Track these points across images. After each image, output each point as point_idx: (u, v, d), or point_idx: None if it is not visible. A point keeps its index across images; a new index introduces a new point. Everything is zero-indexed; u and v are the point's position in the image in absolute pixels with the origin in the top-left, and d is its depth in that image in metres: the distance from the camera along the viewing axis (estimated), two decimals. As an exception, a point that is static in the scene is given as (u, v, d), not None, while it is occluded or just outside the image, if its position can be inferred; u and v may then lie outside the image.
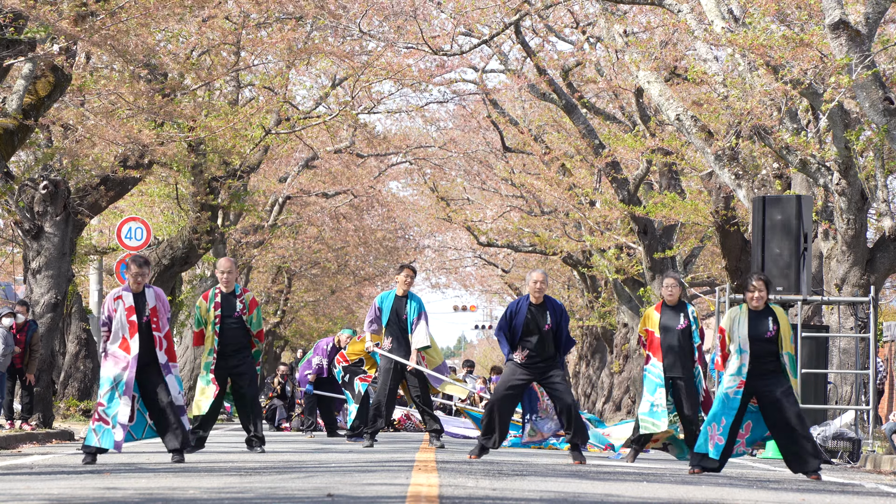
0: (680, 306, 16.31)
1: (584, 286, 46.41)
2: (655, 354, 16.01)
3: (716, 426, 13.44)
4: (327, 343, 24.47)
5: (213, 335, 16.09)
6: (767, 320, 13.44)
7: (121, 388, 13.51)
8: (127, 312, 13.64)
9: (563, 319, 15.00)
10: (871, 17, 18.10)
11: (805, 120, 22.81)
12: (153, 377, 13.78)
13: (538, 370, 14.93)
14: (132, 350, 13.58)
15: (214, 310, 16.11)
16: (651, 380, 16.01)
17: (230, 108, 27.97)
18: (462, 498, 8.89)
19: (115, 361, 13.61)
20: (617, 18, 25.41)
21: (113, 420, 13.46)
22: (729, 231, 27.81)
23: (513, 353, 14.95)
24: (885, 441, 18.77)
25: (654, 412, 15.89)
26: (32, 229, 23.58)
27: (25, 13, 16.87)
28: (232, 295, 16.19)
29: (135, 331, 13.62)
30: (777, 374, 13.41)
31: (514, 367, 14.99)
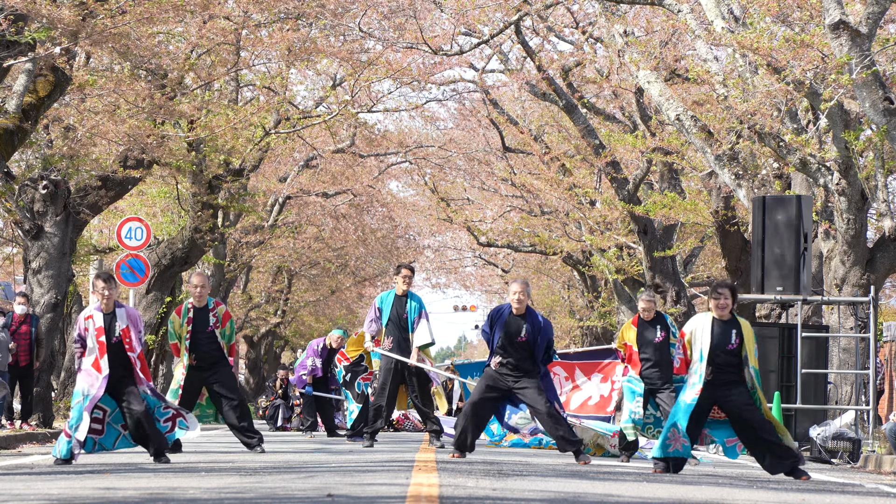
0: (657, 319, 16.41)
1: (584, 286, 46.40)
2: (634, 367, 16.29)
3: (675, 431, 13.38)
4: (318, 344, 24.44)
5: (183, 350, 16.07)
6: (731, 331, 13.35)
7: (85, 402, 13.54)
8: (97, 333, 13.59)
9: (542, 334, 14.82)
10: (871, 17, 18.11)
11: (805, 120, 22.81)
12: (127, 389, 13.77)
13: (511, 378, 14.90)
14: (103, 370, 13.56)
15: (187, 325, 16.04)
16: (630, 388, 16.24)
17: (230, 108, 27.98)
18: (462, 498, 8.89)
19: (87, 377, 13.63)
20: (617, 18, 25.41)
21: (73, 432, 13.51)
22: (729, 231, 27.82)
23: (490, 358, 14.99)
24: (885, 441, 18.77)
25: (636, 419, 16.14)
26: (32, 229, 23.59)
27: (26, 12, 16.87)
28: (205, 309, 16.10)
29: (104, 351, 13.58)
30: (737, 385, 13.33)
31: (489, 373, 15.03)
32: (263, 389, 41.61)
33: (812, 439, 19.20)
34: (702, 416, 13.42)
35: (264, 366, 54.70)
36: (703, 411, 13.39)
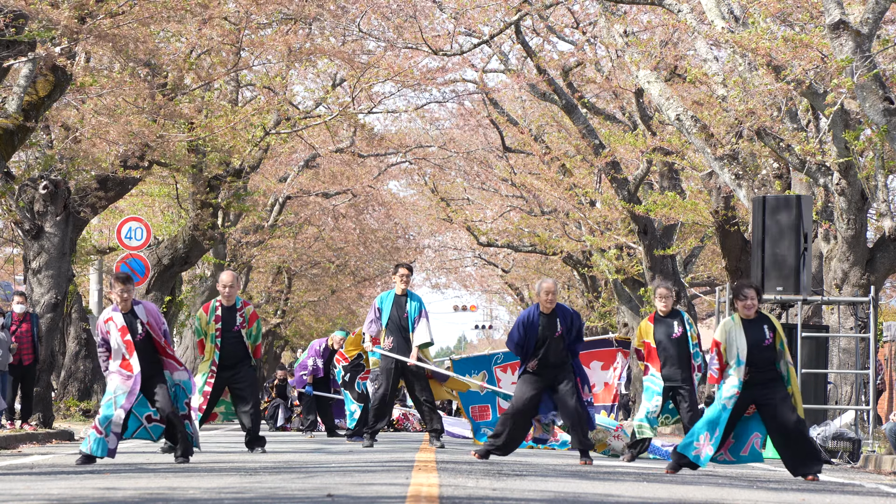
0: (674, 314, 16.27)
1: (584, 286, 46.40)
2: (654, 365, 16.00)
3: (708, 435, 13.31)
4: (320, 344, 24.44)
5: (213, 348, 16.11)
6: (763, 328, 13.30)
7: (119, 401, 13.54)
8: (120, 333, 13.61)
9: (575, 324, 14.97)
10: (871, 17, 18.10)
11: (805, 120, 22.81)
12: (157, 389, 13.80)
13: (550, 376, 14.88)
14: (134, 369, 13.59)
15: (215, 323, 16.12)
16: (651, 388, 15.99)
17: (230, 108, 27.97)
18: (462, 498, 8.89)
19: (119, 377, 13.65)
20: (617, 18, 25.41)
21: (106, 430, 13.49)
22: (729, 231, 27.81)
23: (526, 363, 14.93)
24: (885, 441, 18.77)
25: (651, 419, 15.95)
26: (32, 229, 23.59)
27: (26, 12, 16.87)
28: (233, 308, 16.21)
29: (132, 349, 13.60)
30: (776, 382, 13.30)
31: (528, 377, 14.94)
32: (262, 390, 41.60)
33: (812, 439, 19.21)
34: (735, 420, 13.39)
35: (264, 366, 54.69)
36: (738, 414, 13.36)
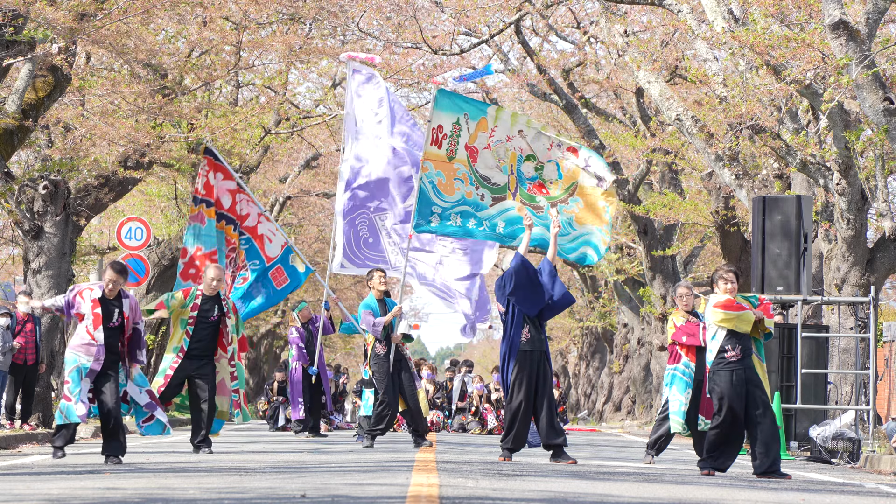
0: (693, 315, 16.04)
1: (584, 286, 46.40)
2: (688, 354, 15.70)
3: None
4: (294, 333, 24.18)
5: (182, 335, 15.96)
6: None
7: (85, 369, 13.73)
8: (92, 304, 13.74)
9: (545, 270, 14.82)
10: (871, 17, 18.11)
11: (805, 120, 22.82)
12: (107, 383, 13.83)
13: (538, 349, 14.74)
14: (98, 340, 13.73)
15: (191, 311, 15.97)
16: (682, 380, 15.58)
17: (230, 109, 27.97)
18: (462, 498, 8.89)
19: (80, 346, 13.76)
20: (617, 18, 25.42)
21: (76, 396, 13.69)
22: (729, 231, 27.83)
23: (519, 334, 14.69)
24: (885, 441, 18.77)
25: (684, 412, 15.56)
26: (32, 229, 23.58)
27: (24, 12, 16.87)
28: (214, 299, 16.03)
29: (98, 324, 13.72)
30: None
31: (523, 357, 14.77)
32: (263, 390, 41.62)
33: (812, 439, 19.20)
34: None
35: (264, 366, 54.68)
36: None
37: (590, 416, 47.79)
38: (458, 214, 16.22)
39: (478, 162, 16.00)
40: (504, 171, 15.95)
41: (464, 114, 16.14)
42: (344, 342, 62.09)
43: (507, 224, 16.19)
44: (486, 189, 16.08)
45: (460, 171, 16.10)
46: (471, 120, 16.07)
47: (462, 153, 16.04)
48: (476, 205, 16.12)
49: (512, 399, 14.71)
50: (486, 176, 16.01)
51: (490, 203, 16.11)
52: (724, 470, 13.56)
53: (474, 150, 15.99)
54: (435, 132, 16.11)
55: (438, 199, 16.20)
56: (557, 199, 15.95)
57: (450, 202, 16.15)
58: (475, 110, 16.27)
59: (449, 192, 16.13)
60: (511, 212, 16.10)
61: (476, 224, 16.23)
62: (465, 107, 16.30)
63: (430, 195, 16.21)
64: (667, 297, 31.52)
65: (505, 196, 16.03)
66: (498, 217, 16.19)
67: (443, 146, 16.05)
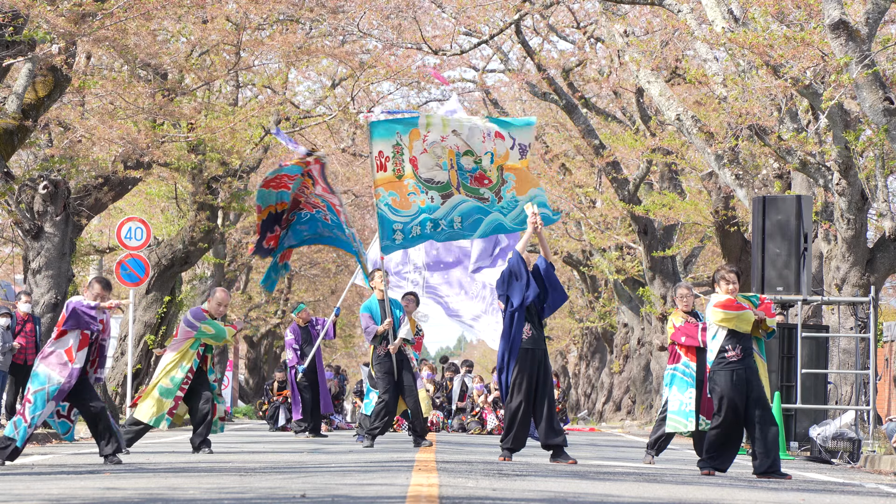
0: (694, 315, 16.02)
1: (584, 286, 46.40)
2: (688, 354, 15.70)
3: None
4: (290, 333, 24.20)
5: (193, 355, 16.01)
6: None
7: (52, 392, 13.55)
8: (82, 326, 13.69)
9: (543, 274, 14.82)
10: (871, 17, 18.10)
11: (805, 120, 22.82)
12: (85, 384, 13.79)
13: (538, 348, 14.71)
14: (76, 361, 13.61)
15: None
16: (683, 379, 15.58)
17: (230, 109, 27.97)
18: (462, 498, 8.89)
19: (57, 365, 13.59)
20: (617, 18, 25.42)
21: (32, 421, 13.56)
22: (729, 231, 27.82)
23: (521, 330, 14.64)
24: (885, 441, 18.77)
25: (685, 411, 15.56)
26: (32, 229, 23.59)
27: (24, 12, 16.87)
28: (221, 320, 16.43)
29: (85, 344, 13.65)
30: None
31: (524, 356, 14.71)
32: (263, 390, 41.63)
33: (812, 439, 19.19)
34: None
35: (264, 366, 54.69)
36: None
37: (590, 416, 47.79)
38: (418, 225, 16.36)
39: (419, 168, 16.17)
40: (444, 168, 16.12)
41: (397, 133, 16.26)
42: (344, 343, 62.08)
43: (463, 218, 16.31)
44: (434, 190, 16.24)
45: (411, 185, 16.25)
46: (404, 135, 16.21)
47: (408, 168, 16.22)
48: (430, 208, 16.28)
49: (512, 399, 14.67)
50: (430, 178, 16.18)
51: (441, 202, 16.26)
52: (724, 470, 13.55)
53: (414, 160, 16.19)
54: (378, 159, 16.30)
55: (397, 217, 16.36)
56: (497, 184, 16.08)
57: (409, 216, 16.33)
58: (406, 126, 16.39)
59: (406, 208, 16.30)
60: (463, 205, 16.26)
61: (433, 227, 16.35)
62: (396, 126, 16.43)
63: (388, 216, 16.36)
64: (667, 297, 31.51)
65: (451, 192, 16.21)
66: (452, 213, 16.32)
67: (388, 168, 16.25)
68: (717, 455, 13.50)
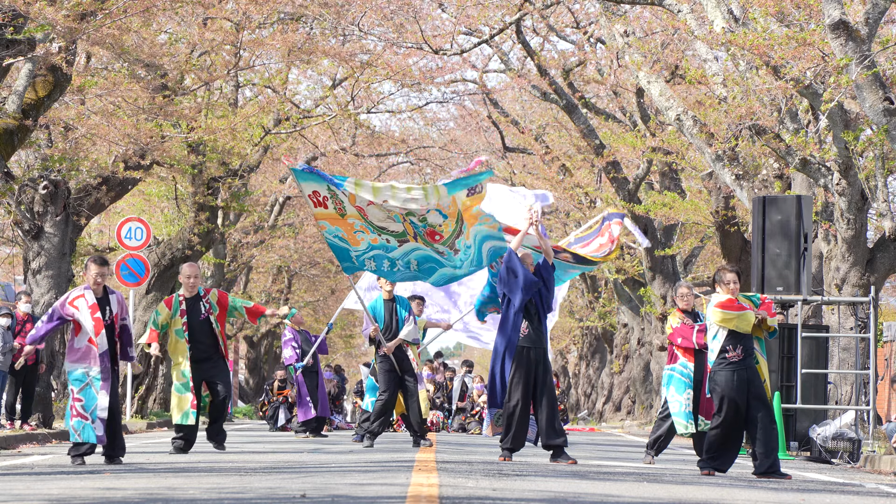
0: (695, 316, 15.99)
1: (585, 286, 46.40)
2: (685, 355, 15.72)
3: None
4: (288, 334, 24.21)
5: (184, 343, 15.84)
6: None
7: (97, 383, 13.50)
8: (90, 310, 13.59)
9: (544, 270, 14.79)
10: (871, 17, 18.10)
11: (805, 120, 22.82)
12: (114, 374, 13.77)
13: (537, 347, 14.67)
14: (100, 347, 13.56)
15: (181, 317, 15.87)
16: (680, 380, 15.59)
17: (230, 109, 27.97)
18: (462, 498, 8.89)
19: (84, 356, 13.56)
20: (617, 18, 25.42)
21: (92, 415, 13.48)
22: (729, 231, 27.81)
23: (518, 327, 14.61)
24: (885, 441, 18.77)
25: (685, 412, 15.55)
26: (32, 229, 23.58)
27: (24, 12, 16.87)
28: (196, 298, 15.97)
29: (100, 328, 13.59)
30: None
31: (521, 354, 14.68)
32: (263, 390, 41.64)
33: (812, 439, 19.19)
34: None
35: (264, 366, 54.68)
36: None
37: (590, 416, 47.79)
38: (372, 259, 15.94)
39: (368, 216, 15.45)
40: (397, 220, 15.40)
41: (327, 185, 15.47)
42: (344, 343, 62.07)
43: (419, 262, 15.88)
44: (389, 235, 15.64)
45: (357, 224, 15.60)
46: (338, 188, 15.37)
47: (351, 209, 15.48)
48: (385, 247, 15.77)
49: (510, 398, 14.66)
50: (382, 226, 15.54)
51: (397, 245, 15.73)
52: (724, 470, 13.55)
53: (361, 209, 15.42)
54: (313, 197, 15.56)
55: (349, 247, 15.87)
56: (452, 236, 15.69)
57: (359, 251, 15.85)
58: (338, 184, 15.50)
59: (355, 244, 15.74)
60: (419, 251, 15.76)
61: (390, 265, 15.92)
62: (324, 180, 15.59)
63: (339, 245, 15.85)
64: (667, 297, 31.51)
65: (407, 239, 15.64)
66: (410, 256, 15.85)
67: (329, 206, 15.52)
68: (717, 455, 13.49)
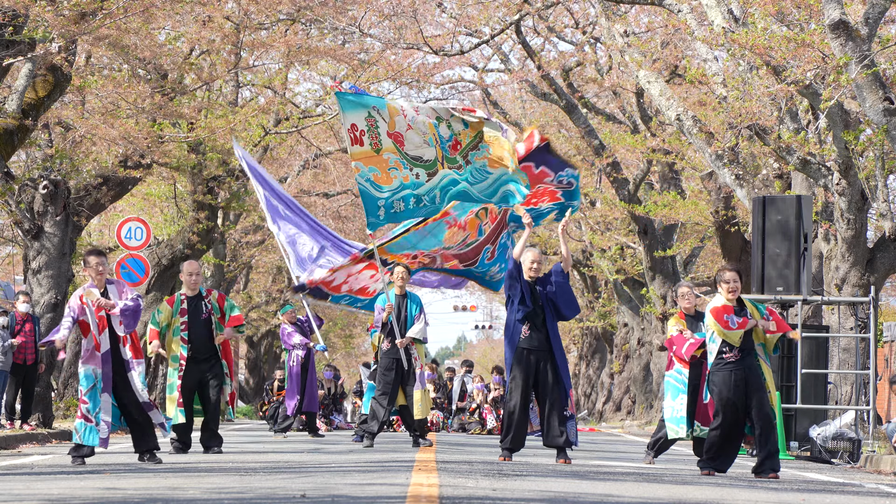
0: (698, 315, 15.94)
1: (584, 286, 46.41)
2: (681, 361, 15.67)
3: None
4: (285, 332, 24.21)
5: (179, 341, 15.78)
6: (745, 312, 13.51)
7: (100, 385, 13.49)
8: (96, 309, 13.59)
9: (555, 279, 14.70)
10: (871, 17, 18.11)
11: (805, 120, 22.83)
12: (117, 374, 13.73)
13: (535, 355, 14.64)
14: (102, 346, 13.53)
15: (181, 316, 15.80)
16: (675, 386, 15.62)
17: (230, 109, 27.97)
18: (462, 498, 8.88)
19: (91, 357, 13.54)
20: (617, 18, 25.42)
21: (97, 418, 13.46)
22: (729, 231, 27.82)
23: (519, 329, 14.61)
24: (885, 441, 18.76)
25: (676, 418, 15.58)
26: (32, 229, 23.58)
27: (24, 12, 16.88)
28: (198, 297, 15.92)
29: (104, 326, 13.57)
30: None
31: (521, 365, 14.68)
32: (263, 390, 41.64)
33: (812, 439, 19.19)
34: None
35: (264, 366, 54.68)
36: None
37: (590, 416, 47.79)
38: (401, 199, 16.19)
39: (405, 145, 15.87)
40: (430, 144, 15.86)
41: (372, 106, 15.97)
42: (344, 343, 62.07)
43: (442, 191, 16.19)
44: (420, 168, 16.02)
45: (392, 160, 15.99)
46: (381, 109, 15.90)
47: (387, 141, 15.92)
48: (414, 184, 16.11)
49: (510, 399, 14.68)
50: (417, 156, 15.92)
51: (426, 179, 16.07)
52: (723, 471, 13.55)
53: (398, 136, 15.88)
54: (351, 132, 15.97)
55: (379, 193, 16.15)
56: (468, 146, 15.91)
57: (391, 190, 16.13)
58: (379, 101, 16.16)
59: (387, 183, 16.08)
60: (444, 179, 16.10)
61: (416, 202, 16.22)
62: (369, 100, 16.18)
63: (370, 192, 16.14)
64: (667, 297, 31.51)
65: (437, 169, 16.01)
66: (434, 189, 16.18)
67: (365, 143, 15.93)
68: (716, 456, 13.49)
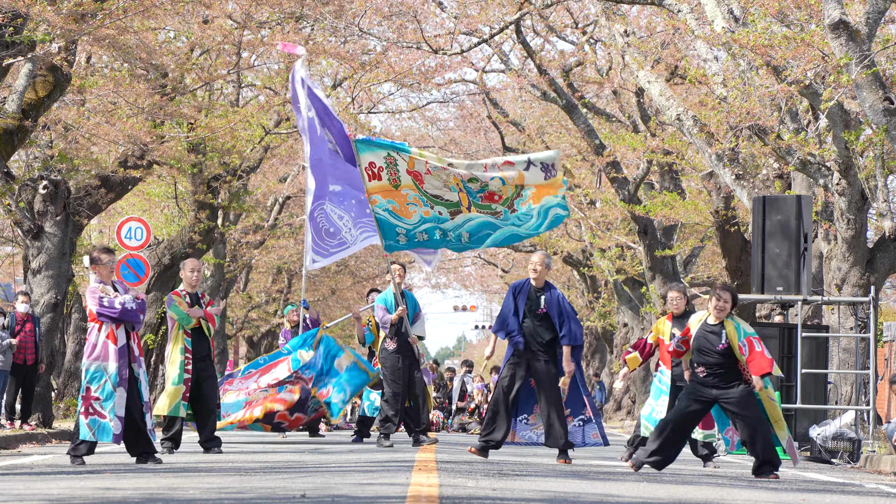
0: (686, 316, 15.97)
1: (584, 286, 46.40)
2: (665, 363, 15.80)
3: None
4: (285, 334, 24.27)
5: (183, 336, 15.77)
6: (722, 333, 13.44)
7: (114, 380, 13.39)
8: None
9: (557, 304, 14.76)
10: (871, 17, 18.11)
11: (805, 120, 22.83)
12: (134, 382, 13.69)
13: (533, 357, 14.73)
14: (119, 340, 13.48)
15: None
16: (658, 387, 15.81)
17: (230, 109, 27.97)
18: (462, 498, 8.89)
19: (104, 352, 13.47)
20: (617, 18, 25.41)
21: (110, 413, 13.37)
22: (729, 231, 27.82)
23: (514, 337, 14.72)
24: (885, 441, 18.77)
25: (653, 418, 15.70)
26: (32, 229, 23.58)
27: (24, 12, 16.88)
28: (196, 297, 15.95)
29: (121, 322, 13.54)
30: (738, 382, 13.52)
31: (511, 370, 14.82)
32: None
33: (812, 439, 19.19)
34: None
35: (264, 366, 54.61)
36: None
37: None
38: (424, 231, 16.25)
39: (425, 185, 15.91)
40: (453, 190, 15.85)
41: (392, 149, 16.10)
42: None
43: (471, 234, 16.18)
44: (441, 206, 16.03)
45: (410, 196, 16.04)
46: (401, 152, 16.00)
47: (406, 178, 15.97)
48: (437, 219, 16.13)
49: (493, 396, 15.04)
50: (437, 195, 15.95)
51: (449, 217, 16.08)
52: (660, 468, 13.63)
53: (417, 175, 15.93)
54: (368, 170, 16.07)
55: (400, 223, 16.23)
56: (511, 197, 15.92)
57: (411, 224, 16.20)
58: (400, 148, 16.22)
59: (407, 216, 16.15)
60: (472, 221, 16.07)
61: (442, 235, 16.23)
62: (388, 145, 16.33)
63: (389, 220, 16.21)
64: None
65: (460, 210, 16.00)
66: (461, 229, 16.16)
67: (383, 178, 16.02)
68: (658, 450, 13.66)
